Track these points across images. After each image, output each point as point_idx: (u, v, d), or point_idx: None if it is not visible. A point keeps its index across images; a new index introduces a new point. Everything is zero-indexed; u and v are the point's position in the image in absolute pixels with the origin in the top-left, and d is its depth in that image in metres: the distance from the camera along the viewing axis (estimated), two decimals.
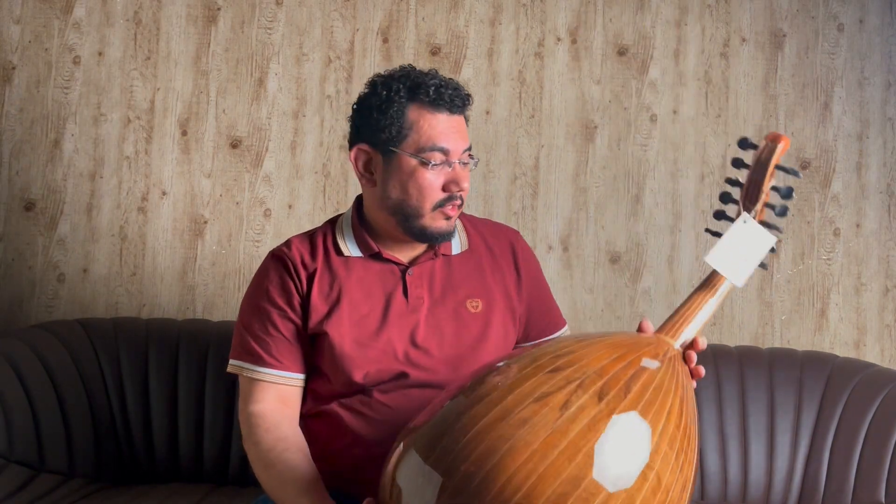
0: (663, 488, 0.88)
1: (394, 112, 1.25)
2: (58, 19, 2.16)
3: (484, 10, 2.24)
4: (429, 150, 1.24)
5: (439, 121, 1.25)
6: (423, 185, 1.25)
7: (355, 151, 1.31)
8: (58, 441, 1.71)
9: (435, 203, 1.26)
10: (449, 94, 1.25)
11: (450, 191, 1.26)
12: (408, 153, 1.25)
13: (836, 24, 2.30)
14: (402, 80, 1.27)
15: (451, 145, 1.25)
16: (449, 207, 1.26)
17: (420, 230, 1.27)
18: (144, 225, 2.16)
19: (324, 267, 1.32)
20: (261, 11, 2.20)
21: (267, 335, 1.29)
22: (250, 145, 2.19)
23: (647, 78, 2.26)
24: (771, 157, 1.15)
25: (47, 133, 2.15)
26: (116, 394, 1.83)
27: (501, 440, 0.87)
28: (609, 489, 0.85)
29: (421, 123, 1.24)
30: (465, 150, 1.28)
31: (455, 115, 1.27)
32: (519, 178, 2.22)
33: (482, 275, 1.35)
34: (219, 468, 1.83)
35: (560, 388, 0.91)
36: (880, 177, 2.29)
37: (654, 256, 2.23)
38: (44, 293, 2.12)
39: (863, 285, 2.27)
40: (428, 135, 1.24)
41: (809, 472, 1.85)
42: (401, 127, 1.25)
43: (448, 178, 1.25)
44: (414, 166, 1.25)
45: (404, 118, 1.25)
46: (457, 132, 1.27)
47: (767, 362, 1.95)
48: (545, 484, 0.84)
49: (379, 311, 1.29)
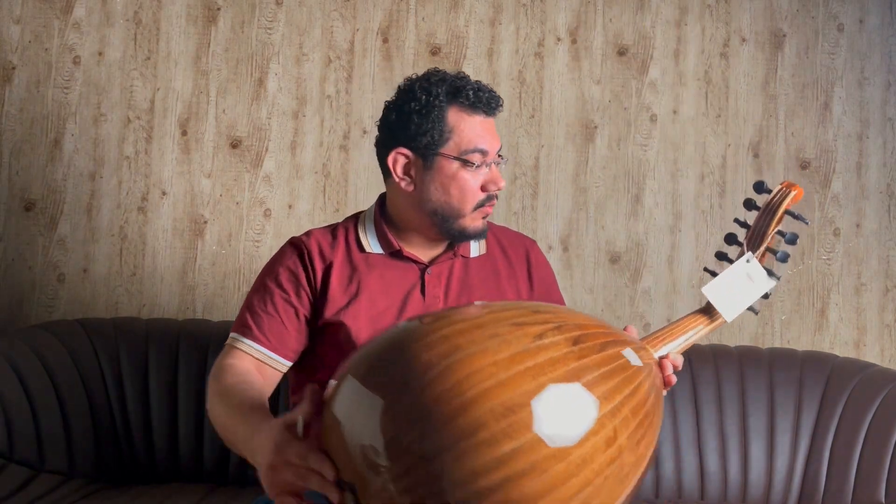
0: (616, 446, 0.86)
1: (435, 116, 1.28)
2: (58, 19, 2.16)
3: (484, 10, 2.24)
4: (470, 153, 1.28)
5: (477, 123, 1.29)
6: (465, 186, 1.29)
7: (394, 155, 1.31)
8: (58, 441, 1.71)
9: (476, 203, 1.30)
10: (486, 97, 1.29)
11: (488, 190, 1.30)
12: (450, 156, 1.28)
13: (836, 24, 2.30)
14: (440, 84, 1.30)
15: (489, 146, 1.29)
16: (487, 207, 1.32)
17: (460, 230, 1.31)
18: (144, 225, 2.16)
19: (344, 260, 1.34)
20: (261, 11, 2.20)
21: (264, 312, 1.29)
22: (250, 145, 2.19)
23: (647, 78, 2.26)
24: (782, 202, 1.18)
25: (47, 133, 2.15)
26: (116, 394, 1.83)
27: (470, 343, 0.85)
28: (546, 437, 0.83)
29: (462, 127, 1.28)
30: (498, 150, 1.32)
31: (489, 118, 1.31)
32: (519, 178, 2.22)
33: (497, 279, 1.38)
34: (219, 468, 1.83)
35: (538, 324, 0.91)
36: (880, 177, 2.29)
37: (654, 256, 2.23)
38: (44, 293, 2.12)
39: (863, 285, 2.27)
40: (469, 137, 1.28)
41: (809, 472, 1.85)
42: (442, 131, 1.28)
43: (486, 178, 1.30)
44: (456, 169, 1.28)
45: (444, 122, 1.28)
46: (492, 133, 1.31)
47: (767, 362, 1.95)
48: (501, 391, 0.82)
49: (396, 309, 1.31)
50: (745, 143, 2.27)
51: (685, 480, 1.87)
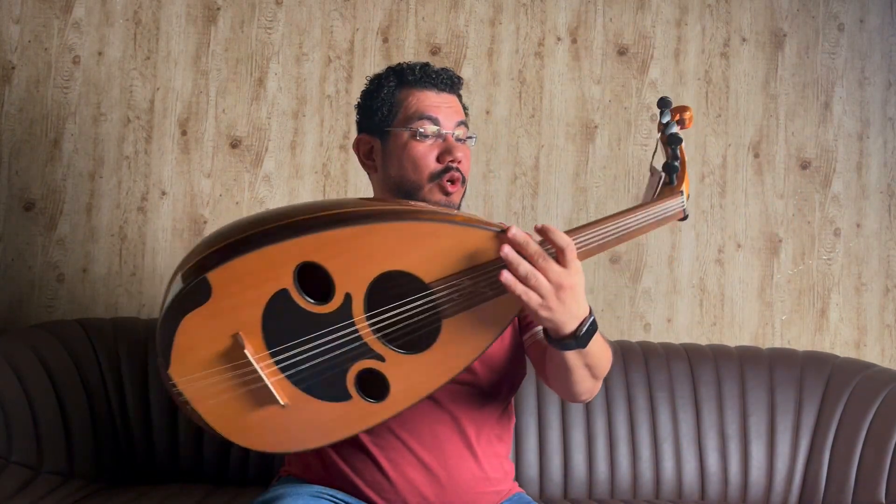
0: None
1: (384, 95, 1.30)
2: (58, 19, 2.16)
3: (484, 10, 2.24)
4: (417, 120, 1.27)
5: (427, 96, 1.29)
6: (417, 155, 1.26)
7: (356, 142, 1.36)
8: (58, 441, 1.70)
9: (431, 174, 1.26)
10: (435, 72, 1.29)
11: (444, 161, 1.26)
12: (399, 128, 1.28)
13: (837, 23, 2.30)
14: (391, 69, 1.33)
15: (441, 116, 1.28)
16: (446, 181, 1.26)
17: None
18: (144, 225, 2.16)
19: None
20: (261, 11, 2.20)
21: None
22: (250, 145, 2.18)
23: (647, 78, 2.26)
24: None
25: (47, 133, 2.14)
26: (116, 394, 1.83)
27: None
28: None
29: (410, 100, 1.29)
30: (458, 122, 1.29)
31: (443, 93, 1.30)
32: (519, 178, 2.22)
33: None
34: (219, 468, 1.83)
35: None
36: (880, 177, 2.29)
37: (654, 256, 2.23)
38: (44, 293, 2.12)
39: (863, 285, 2.27)
40: (416, 107, 1.28)
41: (809, 473, 1.85)
42: (391, 106, 1.29)
43: (441, 149, 1.27)
44: (406, 139, 1.27)
45: (394, 98, 1.30)
46: (448, 106, 1.29)
47: (767, 362, 1.95)
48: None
49: None
50: (745, 142, 2.27)
51: (685, 480, 1.87)
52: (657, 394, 1.91)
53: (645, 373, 1.93)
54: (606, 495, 1.86)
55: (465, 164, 1.29)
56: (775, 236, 2.26)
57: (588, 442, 1.87)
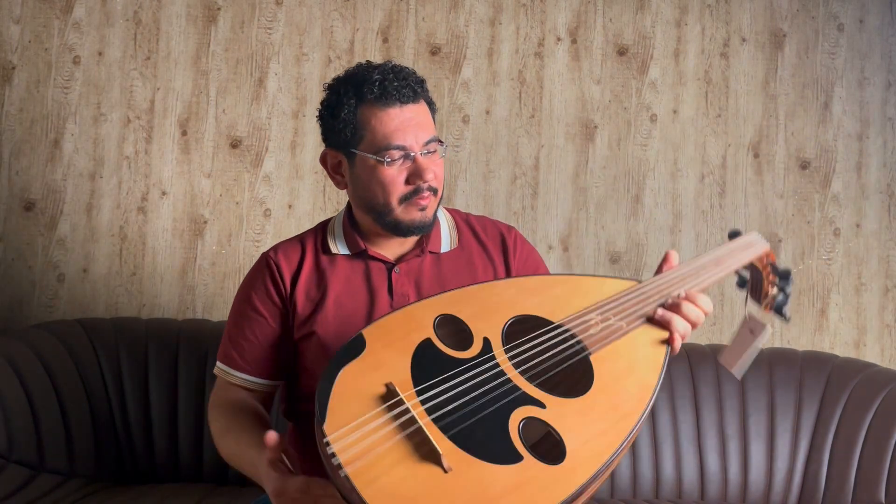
0: None
1: (345, 115, 1.24)
2: (58, 19, 2.16)
3: (484, 10, 2.24)
4: (384, 150, 1.21)
5: (391, 117, 1.22)
6: (385, 181, 1.22)
7: (323, 154, 1.32)
8: (58, 441, 1.71)
9: (400, 197, 1.23)
10: (395, 86, 1.22)
11: (414, 184, 1.23)
12: (366, 153, 1.23)
13: (836, 24, 2.30)
14: (349, 80, 1.25)
15: (409, 140, 1.22)
16: (419, 199, 1.24)
17: (394, 225, 1.26)
18: (144, 225, 2.16)
19: (311, 267, 1.32)
20: (261, 11, 2.20)
21: (245, 340, 1.30)
22: (250, 145, 2.18)
23: (647, 78, 2.26)
24: (762, 271, 1.25)
25: (47, 133, 2.14)
26: (116, 394, 1.83)
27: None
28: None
29: (374, 123, 1.22)
30: (427, 140, 1.24)
31: (408, 106, 1.23)
32: (519, 178, 2.22)
33: (472, 271, 1.34)
34: (219, 468, 1.83)
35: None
36: (880, 177, 2.29)
37: (654, 256, 2.23)
38: (44, 293, 2.12)
39: (863, 285, 2.27)
40: (382, 133, 1.21)
41: (809, 473, 1.85)
42: (354, 128, 1.23)
43: (409, 171, 1.23)
44: (373, 165, 1.22)
45: (356, 119, 1.23)
46: (414, 124, 1.23)
47: (767, 362, 1.95)
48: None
49: (364, 310, 1.29)
50: (745, 143, 2.27)
51: (685, 480, 1.87)
52: (657, 394, 1.91)
53: None
54: (606, 495, 1.86)
55: (437, 177, 1.26)
56: (775, 236, 2.26)
57: None
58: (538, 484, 0.88)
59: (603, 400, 0.99)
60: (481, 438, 0.92)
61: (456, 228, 1.38)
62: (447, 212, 1.39)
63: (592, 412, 0.97)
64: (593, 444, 0.93)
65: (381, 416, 0.93)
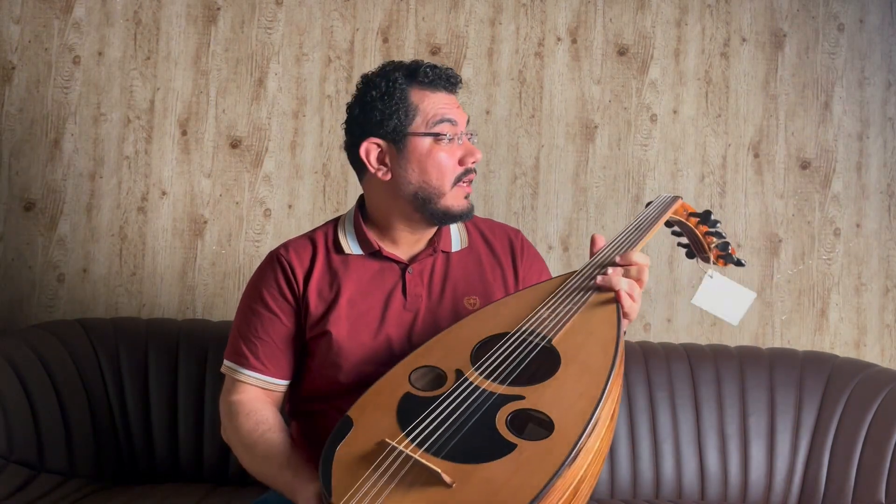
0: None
1: (398, 98, 1.28)
2: (58, 19, 2.16)
3: (484, 10, 2.24)
4: (438, 124, 1.27)
5: (440, 97, 1.29)
6: (442, 162, 1.28)
7: (366, 147, 1.30)
8: (58, 441, 1.71)
9: (455, 178, 1.28)
10: (444, 74, 1.30)
11: (465, 164, 1.29)
12: (420, 133, 1.28)
13: (837, 23, 2.30)
14: (396, 69, 1.31)
15: (457, 117, 1.29)
16: (466, 183, 1.30)
17: (444, 211, 1.29)
18: (144, 225, 2.16)
19: (324, 266, 1.33)
20: (261, 11, 2.20)
21: (257, 338, 1.30)
22: (250, 145, 2.19)
23: (647, 78, 2.26)
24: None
25: (47, 133, 2.15)
26: (116, 394, 1.83)
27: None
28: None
29: (425, 102, 1.28)
30: (467, 122, 1.33)
31: (451, 94, 1.31)
32: (519, 178, 2.22)
33: (481, 272, 1.36)
34: (219, 468, 1.83)
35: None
36: (880, 177, 2.29)
37: (653, 256, 2.23)
38: (44, 293, 2.12)
39: (863, 285, 2.27)
40: (434, 111, 1.28)
41: (809, 473, 1.85)
42: (407, 110, 1.28)
43: (462, 152, 1.29)
44: (428, 146, 1.28)
45: (408, 101, 1.28)
46: (458, 107, 1.31)
47: (767, 362, 1.95)
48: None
49: (378, 310, 1.30)
50: (745, 143, 2.27)
51: (685, 480, 1.87)
52: (657, 394, 1.91)
53: (645, 373, 1.93)
54: (606, 495, 1.86)
55: (480, 158, 1.33)
56: (775, 236, 2.26)
57: None
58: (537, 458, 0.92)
59: (573, 369, 1.05)
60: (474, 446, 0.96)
61: (465, 229, 1.41)
62: None
63: (567, 383, 1.03)
64: (576, 407, 0.99)
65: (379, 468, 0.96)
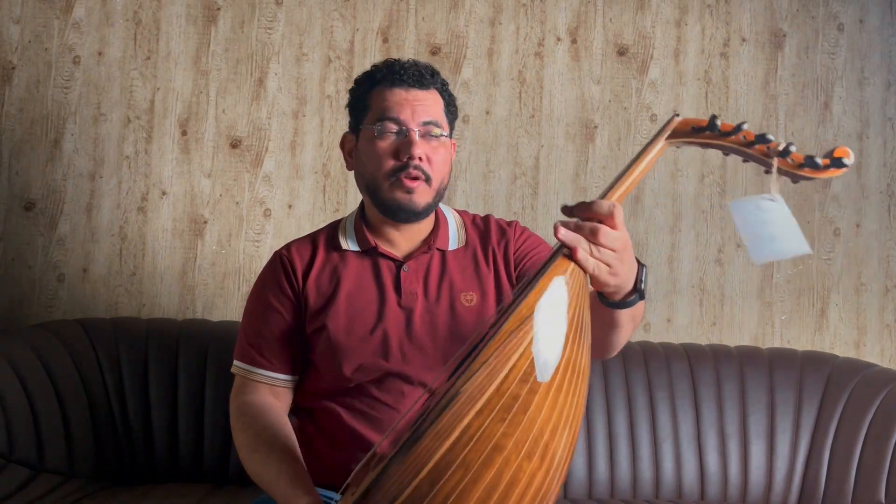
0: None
1: (360, 95, 1.34)
2: (58, 19, 2.16)
3: (484, 10, 2.24)
4: (380, 121, 1.28)
5: (394, 94, 1.29)
6: (377, 153, 1.28)
7: (342, 138, 1.40)
8: (58, 441, 1.71)
9: (387, 171, 1.27)
10: (401, 68, 1.31)
11: (401, 158, 1.26)
12: (366, 126, 1.31)
13: (836, 23, 2.30)
14: (375, 70, 1.35)
15: (405, 115, 1.28)
16: (404, 177, 1.26)
17: (382, 203, 1.30)
18: (144, 225, 2.16)
19: (322, 263, 1.35)
20: (261, 11, 2.20)
21: (263, 338, 1.32)
22: (250, 145, 2.18)
23: (647, 78, 2.26)
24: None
25: (47, 133, 2.14)
26: (116, 394, 1.83)
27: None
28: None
29: (377, 99, 1.30)
30: (424, 122, 1.28)
31: (413, 90, 1.30)
32: (519, 178, 2.22)
33: (477, 267, 1.37)
34: (219, 468, 1.83)
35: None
36: (880, 177, 2.29)
37: (653, 256, 2.23)
38: (44, 293, 2.12)
39: (863, 285, 2.27)
40: (381, 107, 1.29)
41: (809, 473, 1.85)
42: (364, 106, 1.32)
43: (399, 145, 1.28)
44: (371, 137, 1.30)
45: (367, 99, 1.32)
46: (415, 104, 1.29)
47: (767, 362, 1.95)
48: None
49: (374, 306, 1.31)
50: None
51: (685, 480, 1.87)
52: (657, 394, 1.91)
53: (645, 373, 1.93)
54: (606, 495, 1.86)
55: (431, 161, 1.28)
56: None
57: (588, 442, 1.87)
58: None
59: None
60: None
61: (464, 227, 1.42)
62: (456, 212, 1.44)
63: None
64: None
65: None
